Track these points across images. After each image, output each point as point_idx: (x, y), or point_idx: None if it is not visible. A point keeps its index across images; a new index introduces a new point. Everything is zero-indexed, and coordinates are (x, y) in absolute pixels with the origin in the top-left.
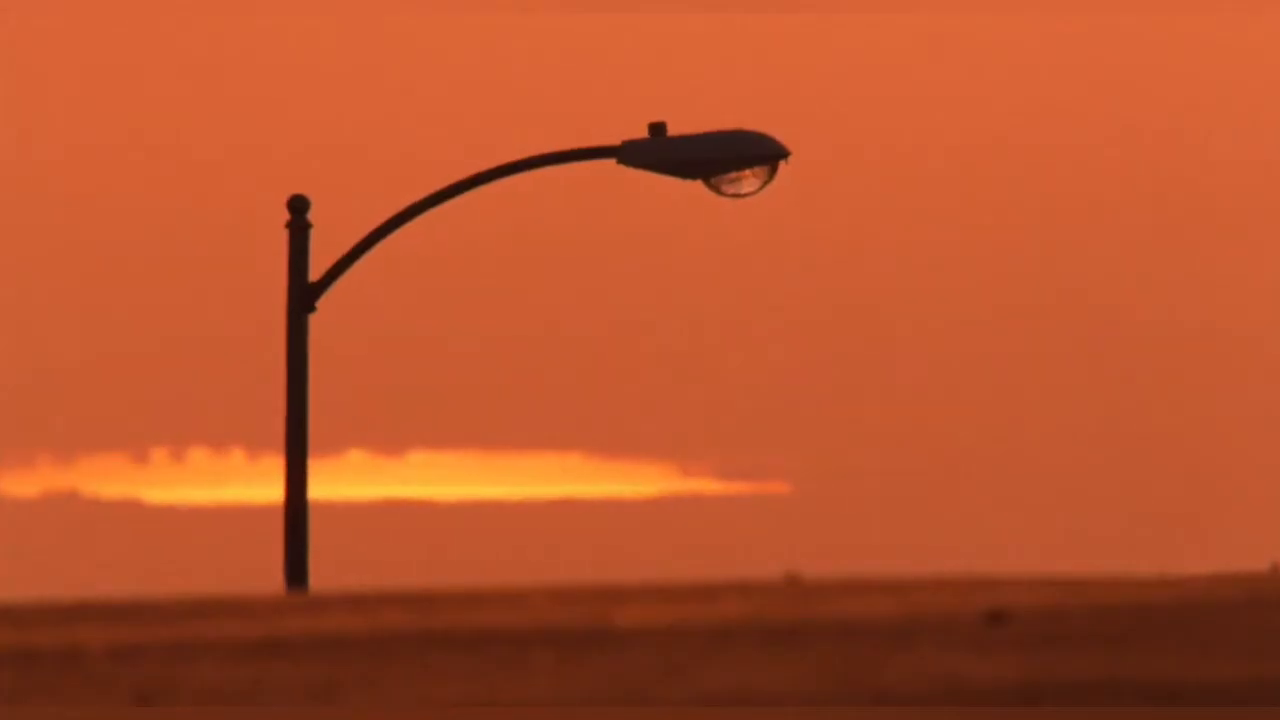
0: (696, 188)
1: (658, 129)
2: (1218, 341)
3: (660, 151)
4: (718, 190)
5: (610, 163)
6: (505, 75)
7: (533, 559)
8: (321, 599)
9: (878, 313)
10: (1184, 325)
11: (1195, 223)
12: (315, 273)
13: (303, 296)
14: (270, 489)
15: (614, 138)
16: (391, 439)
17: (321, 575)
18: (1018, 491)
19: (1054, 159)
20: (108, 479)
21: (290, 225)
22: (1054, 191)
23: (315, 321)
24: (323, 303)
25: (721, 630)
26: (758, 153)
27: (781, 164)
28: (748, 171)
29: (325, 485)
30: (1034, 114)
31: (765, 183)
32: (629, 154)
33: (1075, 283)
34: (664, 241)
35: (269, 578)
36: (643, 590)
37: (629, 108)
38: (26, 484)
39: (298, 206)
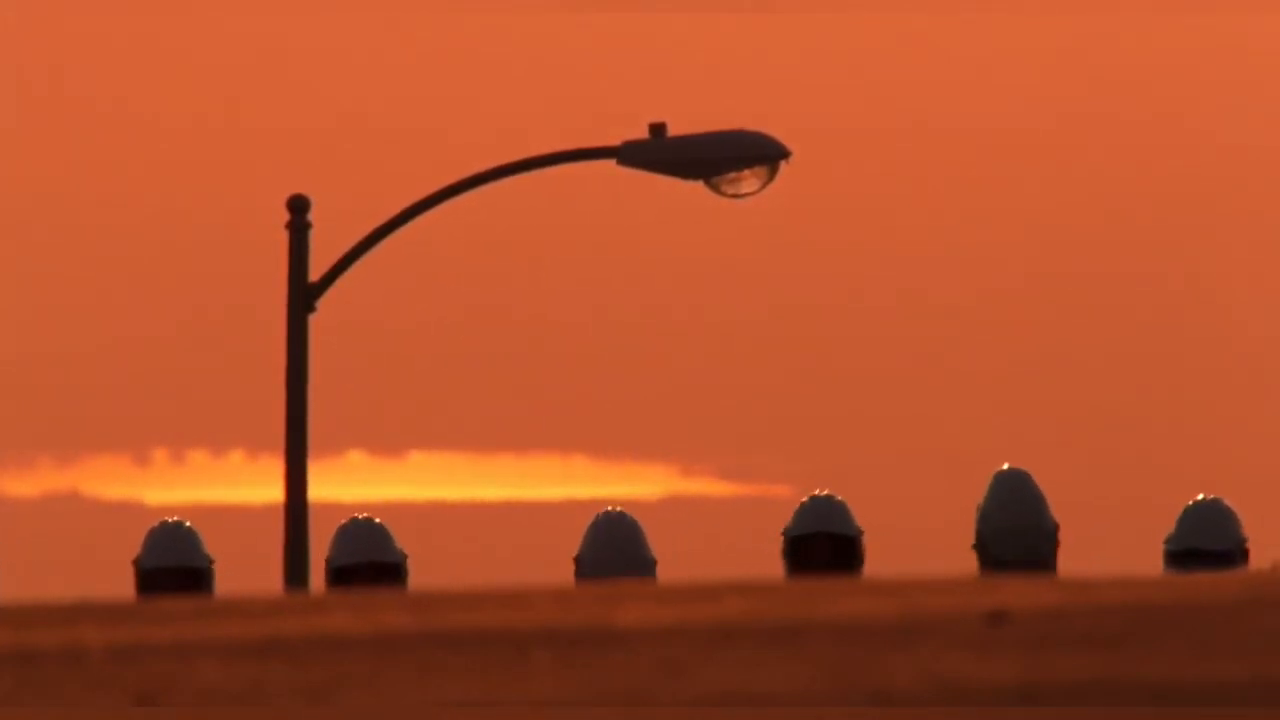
0: (696, 188)
1: (658, 129)
2: (1218, 341)
3: (660, 152)
4: (718, 190)
5: (610, 163)
6: (505, 75)
7: (533, 559)
8: (321, 599)
9: (879, 313)
10: (1185, 325)
11: (1196, 225)
12: (315, 273)
13: (303, 296)
14: (270, 489)
15: (614, 138)
16: (391, 439)
17: (321, 575)
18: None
19: (1056, 159)
20: (108, 479)
21: (290, 225)
22: (1057, 192)
23: (315, 321)
24: (323, 303)
25: (721, 630)
26: (758, 153)
27: (781, 164)
28: (748, 171)
29: (325, 485)
30: (1035, 114)
31: (765, 183)
32: (629, 154)
33: (1076, 282)
34: (664, 241)
35: (269, 578)
36: (643, 590)
37: (629, 108)
38: (26, 484)
39: (298, 206)
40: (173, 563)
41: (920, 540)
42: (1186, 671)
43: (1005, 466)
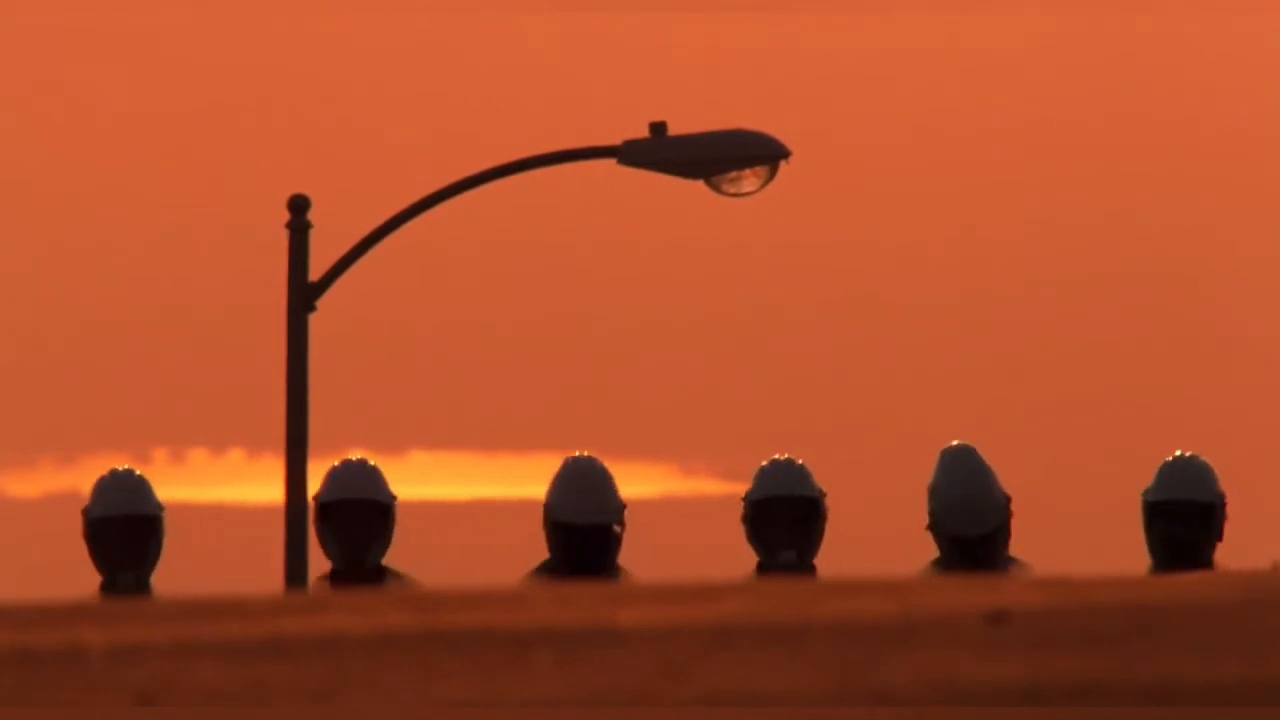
0: (697, 188)
1: (658, 129)
2: (1219, 340)
3: (660, 151)
4: (718, 190)
5: (610, 163)
6: (505, 75)
7: (533, 559)
8: (321, 599)
9: (879, 313)
10: (1185, 324)
11: (1198, 229)
12: (315, 273)
13: (303, 296)
14: (270, 489)
15: (614, 138)
16: (391, 439)
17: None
18: (1017, 492)
19: (1057, 158)
20: None
21: (290, 225)
22: (1059, 191)
23: (315, 321)
24: (323, 303)
25: (721, 630)
26: (758, 153)
27: (781, 164)
28: (748, 171)
29: None
30: (1037, 114)
31: (765, 183)
32: (629, 154)
33: (1075, 281)
34: (664, 241)
35: (269, 578)
36: (643, 590)
37: (629, 108)
38: (27, 484)
39: (298, 206)
40: (122, 510)
41: (919, 540)
42: (1186, 671)
43: (954, 443)
